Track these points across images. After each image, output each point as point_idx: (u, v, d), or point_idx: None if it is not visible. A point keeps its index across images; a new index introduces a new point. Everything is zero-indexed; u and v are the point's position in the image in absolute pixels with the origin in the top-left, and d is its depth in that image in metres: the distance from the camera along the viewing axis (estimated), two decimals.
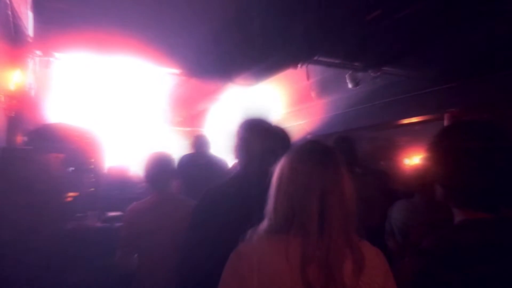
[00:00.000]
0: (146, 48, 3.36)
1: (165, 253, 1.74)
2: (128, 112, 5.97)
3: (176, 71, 4.08)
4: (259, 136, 1.33)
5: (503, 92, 2.99)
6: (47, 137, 2.93)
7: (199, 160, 3.35)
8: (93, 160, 3.40)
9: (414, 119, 4.07)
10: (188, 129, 6.32)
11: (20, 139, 2.91)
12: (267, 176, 0.95)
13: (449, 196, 0.93)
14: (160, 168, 1.87)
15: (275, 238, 0.88)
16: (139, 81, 5.36)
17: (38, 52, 3.40)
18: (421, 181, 2.02)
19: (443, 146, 0.93)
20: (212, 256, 1.00)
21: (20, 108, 2.84)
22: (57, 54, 3.50)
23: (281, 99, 6.04)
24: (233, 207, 1.15)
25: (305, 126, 5.45)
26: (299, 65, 3.32)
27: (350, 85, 3.85)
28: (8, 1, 2.57)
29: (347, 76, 3.83)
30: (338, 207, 0.85)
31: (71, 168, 3.09)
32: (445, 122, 3.38)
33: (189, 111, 6.27)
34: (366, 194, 2.12)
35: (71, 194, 2.88)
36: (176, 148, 5.41)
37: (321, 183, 0.86)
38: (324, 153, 0.93)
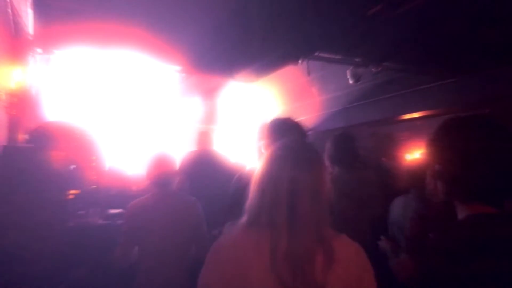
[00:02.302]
0: (147, 45, 3.35)
1: (165, 248, 1.77)
2: (129, 109, 5.96)
3: (177, 67, 4.07)
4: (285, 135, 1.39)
5: (504, 88, 2.98)
6: (48, 135, 2.93)
7: (203, 157, 3.34)
8: (94, 157, 3.41)
9: (415, 115, 4.06)
10: (192, 126, 6.31)
11: (21, 137, 2.91)
12: None
13: (452, 192, 0.92)
14: (162, 168, 1.90)
15: (249, 232, 0.90)
16: (140, 78, 5.36)
17: (38, 50, 3.40)
18: (418, 176, 2.01)
19: (447, 141, 0.92)
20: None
21: (21, 106, 2.84)
22: (57, 52, 3.50)
23: (282, 95, 6.03)
24: None
25: (306, 122, 5.43)
26: (299, 61, 3.30)
27: (351, 81, 3.83)
28: None
29: (348, 72, 3.81)
30: (308, 202, 0.86)
31: (72, 166, 3.10)
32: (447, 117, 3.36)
33: (192, 107, 6.25)
34: (367, 190, 2.13)
35: (72, 191, 2.89)
36: (180, 144, 5.41)
37: (291, 178, 0.88)
38: (300, 150, 0.95)
